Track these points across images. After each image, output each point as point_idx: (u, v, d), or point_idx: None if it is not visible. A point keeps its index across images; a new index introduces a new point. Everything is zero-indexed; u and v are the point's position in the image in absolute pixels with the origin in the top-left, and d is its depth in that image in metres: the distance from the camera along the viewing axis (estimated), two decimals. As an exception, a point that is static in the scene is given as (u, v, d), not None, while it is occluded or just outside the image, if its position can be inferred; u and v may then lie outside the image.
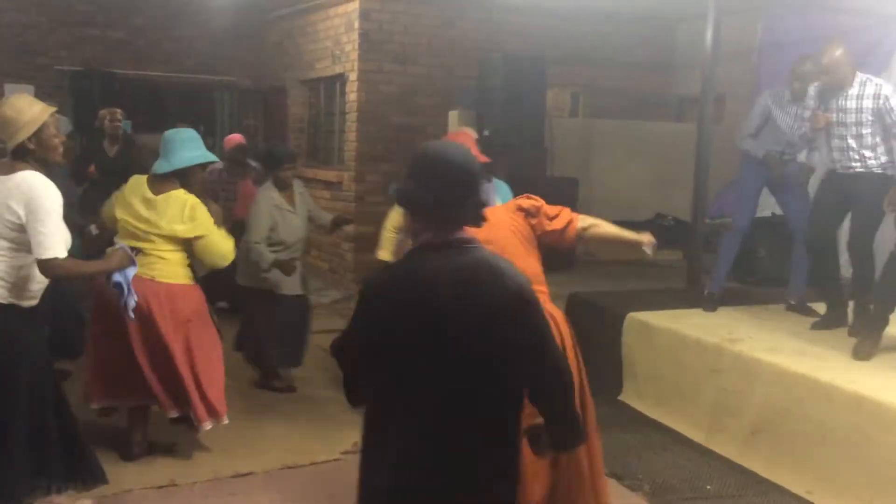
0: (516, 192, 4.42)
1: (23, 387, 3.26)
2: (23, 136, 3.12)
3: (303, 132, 10.17)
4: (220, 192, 6.77)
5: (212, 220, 4.21)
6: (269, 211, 5.19)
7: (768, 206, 6.67)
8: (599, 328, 5.68)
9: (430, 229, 2.21)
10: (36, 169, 3.19)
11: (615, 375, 5.52)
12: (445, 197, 2.18)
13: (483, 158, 3.93)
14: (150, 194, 4.13)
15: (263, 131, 10.24)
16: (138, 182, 4.22)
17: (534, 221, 3.24)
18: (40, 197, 3.10)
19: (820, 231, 5.13)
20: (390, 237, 5.06)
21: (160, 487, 4.04)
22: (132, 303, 3.95)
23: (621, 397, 5.47)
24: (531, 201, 3.33)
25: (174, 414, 4.25)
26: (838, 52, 4.79)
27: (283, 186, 5.30)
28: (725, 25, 6.39)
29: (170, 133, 4.27)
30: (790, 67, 5.58)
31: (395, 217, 4.99)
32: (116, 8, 10.38)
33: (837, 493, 4.03)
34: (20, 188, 3.11)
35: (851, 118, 4.83)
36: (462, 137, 5.31)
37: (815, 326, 5.22)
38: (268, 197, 5.23)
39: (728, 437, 4.69)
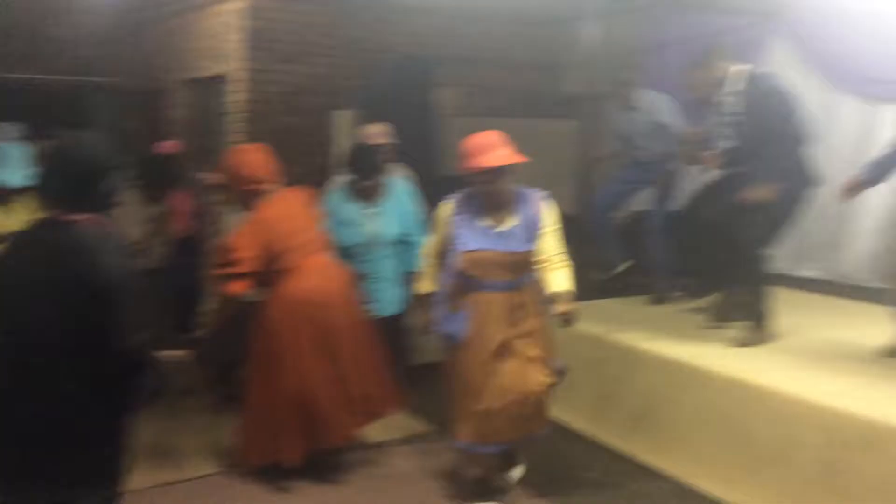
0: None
1: None
2: None
3: (188, 134, 9.82)
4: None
5: None
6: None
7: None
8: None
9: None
10: None
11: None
12: (64, 186, 2.42)
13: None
14: None
15: (148, 134, 9.83)
16: None
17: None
18: None
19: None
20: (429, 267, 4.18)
21: None
22: None
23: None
24: None
25: None
26: (697, 73, 4.81)
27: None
28: (612, 25, 6.44)
29: None
30: (672, 67, 5.68)
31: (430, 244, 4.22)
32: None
33: (714, 473, 4.08)
34: None
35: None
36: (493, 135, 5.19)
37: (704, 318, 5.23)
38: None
39: (611, 424, 4.70)
